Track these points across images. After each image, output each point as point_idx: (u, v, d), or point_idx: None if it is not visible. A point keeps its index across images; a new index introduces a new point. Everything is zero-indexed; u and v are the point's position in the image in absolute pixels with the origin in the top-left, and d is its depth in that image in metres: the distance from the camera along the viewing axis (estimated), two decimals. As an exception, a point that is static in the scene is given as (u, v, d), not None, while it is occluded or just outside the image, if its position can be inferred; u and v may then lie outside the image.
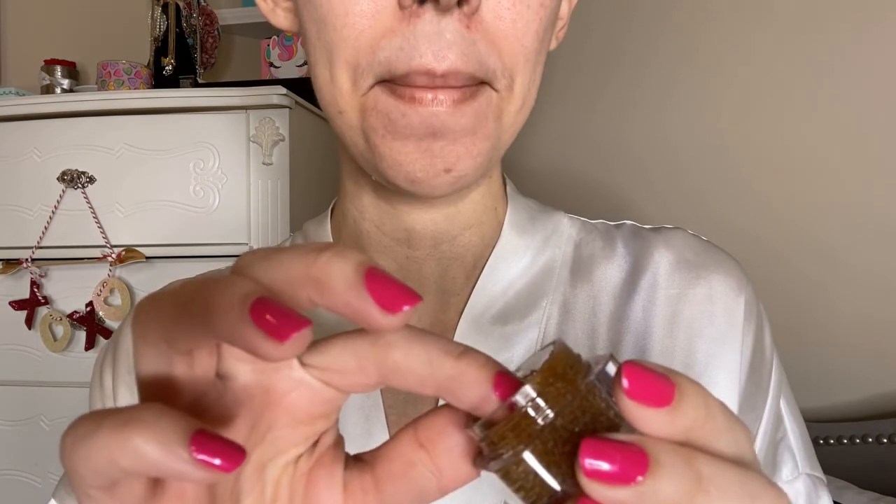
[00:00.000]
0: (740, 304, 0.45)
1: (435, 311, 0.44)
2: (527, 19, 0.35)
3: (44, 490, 1.23)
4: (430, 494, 0.22)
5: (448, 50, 0.33)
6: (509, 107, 0.37)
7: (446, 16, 0.32)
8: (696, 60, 1.30)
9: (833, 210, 1.18)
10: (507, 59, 0.35)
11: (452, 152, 0.35)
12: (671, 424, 0.18)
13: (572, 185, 1.43)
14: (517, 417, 0.20)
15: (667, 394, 0.18)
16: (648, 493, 0.17)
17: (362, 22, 0.33)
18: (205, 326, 0.18)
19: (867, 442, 1.07)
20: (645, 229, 0.48)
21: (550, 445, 0.19)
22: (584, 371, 0.21)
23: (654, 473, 0.17)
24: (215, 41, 1.49)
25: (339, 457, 0.23)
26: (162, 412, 0.17)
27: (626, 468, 0.17)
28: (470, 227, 0.44)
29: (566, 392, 0.20)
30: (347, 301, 0.18)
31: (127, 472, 0.17)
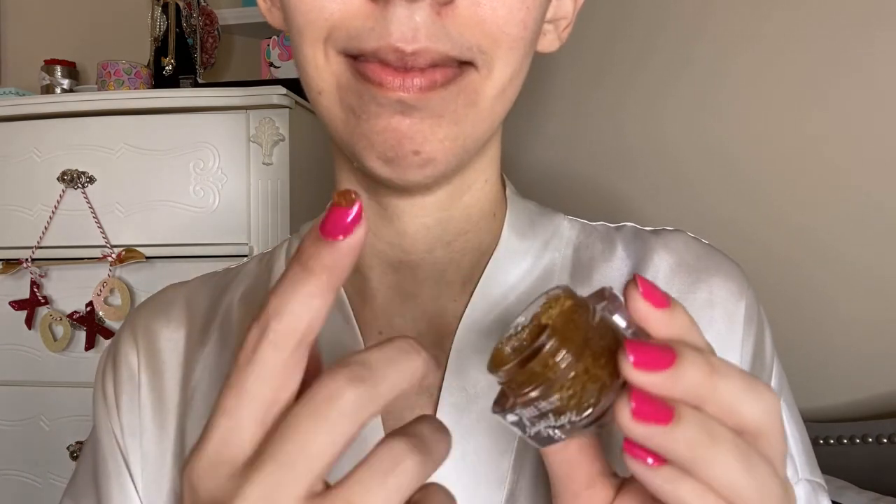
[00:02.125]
0: (741, 309, 0.44)
1: (431, 317, 0.44)
2: (508, 6, 0.35)
3: (44, 490, 1.23)
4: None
5: (417, 31, 0.33)
6: (486, 89, 0.36)
7: (417, 3, 0.32)
8: (696, 61, 1.30)
9: (833, 210, 1.18)
10: (485, 41, 0.35)
11: (419, 132, 0.35)
12: (671, 320, 0.25)
13: (571, 186, 1.43)
14: (545, 357, 0.25)
15: (664, 300, 0.25)
16: (678, 375, 0.23)
17: (331, 5, 0.34)
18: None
19: (867, 442, 1.07)
20: (645, 231, 0.48)
21: (581, 369, 0.24)
22: (591, 304, 0.26)
23: (681, 362, 0.23)
24: (215, 41, 1.49)
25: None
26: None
27: (660, 358, 0.23)
28: (465, 232, 0.44)
29: (582, 324, 0.25)
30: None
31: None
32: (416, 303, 0.44)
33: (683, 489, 0.23)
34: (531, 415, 0.26)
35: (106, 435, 0.47)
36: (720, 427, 0.24)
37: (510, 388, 0.26)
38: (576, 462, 0.29)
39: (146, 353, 0.47)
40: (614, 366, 0.24)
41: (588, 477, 0.29)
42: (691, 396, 0.23)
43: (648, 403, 0.23)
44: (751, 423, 0.24)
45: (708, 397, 0.23)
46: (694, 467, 0.23)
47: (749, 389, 0.24)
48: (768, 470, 0.24)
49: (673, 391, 0.23)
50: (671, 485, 0.24)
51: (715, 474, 0.23)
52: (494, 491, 0.41)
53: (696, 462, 0.23)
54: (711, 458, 0.23)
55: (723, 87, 1.28)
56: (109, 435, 0.47)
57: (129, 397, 0.46)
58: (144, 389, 0.46)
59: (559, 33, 0.44)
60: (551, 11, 0.43)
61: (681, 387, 0.23)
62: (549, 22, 0.43)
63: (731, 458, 0.23)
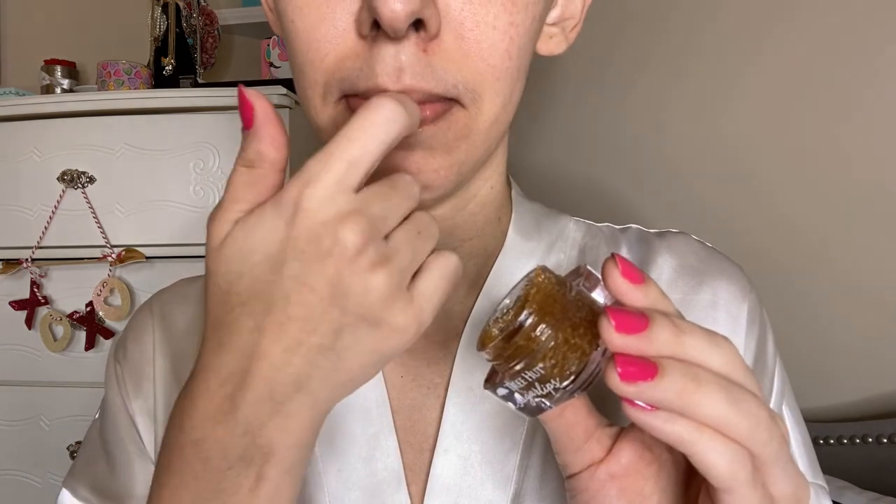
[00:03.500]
0: (743, 311, 0.45)
1: (439, 319, 0.44)
2: (492, 40, 0.35)
3: (44, 490, 1.23)
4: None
5: (402, 72, 0.33)
6: (478, 125, 0.36)
7: (403, 41, 0.33)
8: (698, 62, 1.30)
9: (833, 211, 1.18)
10: (470, 77, 0.35)
11: (413, 163, 0.35)
12: (645, 295, 0.28)
13: (574, 186, 1.43)
14: (527, 331, 0.27)
15: (640, 277, 0.28)
16: (652, 336, 0.26)
17: (326, 46, 0.35)
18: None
19: (867, 442, 1.07)
20: (650, 234, 0.48)
21: (561, 339, 0.27)
22: (568, 281, 0.29)
23: (653, 325, 0.26)
24: (215, 41, 1.49)
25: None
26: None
27: (636, 322, 0.26)
28: (470, 238, 0.44)
29: (559, 298, 0.28)
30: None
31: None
32: None
33: (680, 427, 0.26)
34: (519, 386, 0.29)
35: (114, 400, 0.48)
36: (702, 370, 0.26)
37: (498, 364, 0.29)
38: (573, 422, 0.32)
39: (161, 322, 0.48)
40: (593, 335, 0.28)
41: (585, 432, 0.32)
42: (665, 353, 0.26)
43: (632, 364, 0.26)
44: (716, 370, 0.27)
45: (678, 353, 0.27)
46: (686, 410, 0.26)
47: (711, 343, 0.27)
48: (754, 401, 0.27)
49: (649, 350, 0.26)
50: (669, 425, 0.26)
51: (706, 412, 0.26)
52: (501, 490, 0.41)
53: (687, 405, 0.26)
54: (699, 399, 0.26)
55: (725, 89, 1.28)
56: (116, 396, 0.48)
57: (140, 356, 0.48)
58: (158, 354, 0.47)
59: (566, 34, 0.44)
60: (558, 12, 0.43)
61: (655, 346, 0.26)
62: (555, 24, 0.43)
63: (717, 395, 0.26)
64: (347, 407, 0.43)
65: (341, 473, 0.42)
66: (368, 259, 0.27)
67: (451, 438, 0.42)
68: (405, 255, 0.28)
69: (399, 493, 0.42)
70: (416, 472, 0.42)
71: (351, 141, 0.28)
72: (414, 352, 0.44)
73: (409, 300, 0.28)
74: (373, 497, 0.42)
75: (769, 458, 0.27)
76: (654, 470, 0.31)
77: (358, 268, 0.27)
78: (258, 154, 0.30)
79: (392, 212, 0.29)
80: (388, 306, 0.28)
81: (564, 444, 0.32)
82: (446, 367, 0.44)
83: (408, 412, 0.43)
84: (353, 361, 0.28)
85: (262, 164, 0.30)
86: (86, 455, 0.49)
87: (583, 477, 0.32)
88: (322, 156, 0.28)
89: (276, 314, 0.28)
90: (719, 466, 0.26)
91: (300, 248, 0.27)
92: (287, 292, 0.27)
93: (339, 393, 0.30)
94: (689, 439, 0.26)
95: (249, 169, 0.30)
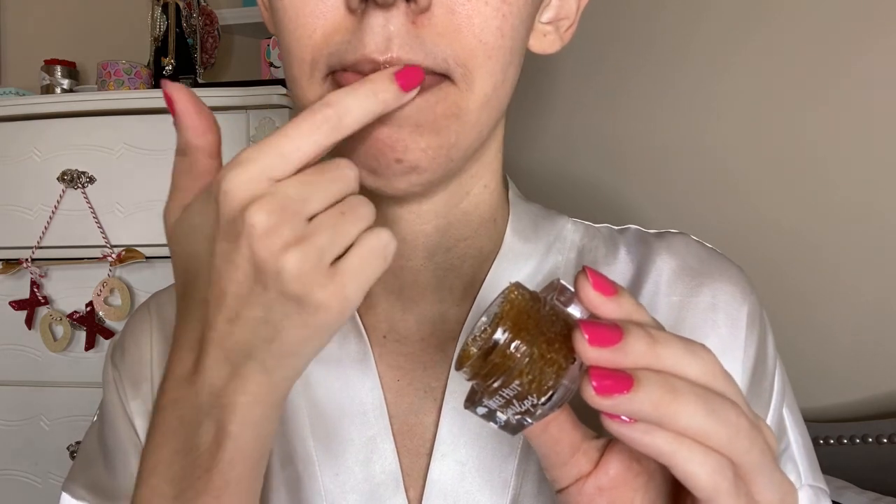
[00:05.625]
0: (743, 313, 0.44)
1: (434, 322, 0.44)
2: (484, 15, 0.35)
3: (44, 490, 1.23)
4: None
5: (390, 42, 0.33)
6: (469, 103, 0.36)
7: (391, 11, 0.33)
8: (697, 63, 1.30)
9: (833, 210, 1.18)
10: (462, 52, 0.35)
11: (399, 141, 0.35)
12: (619, 306, 0.28)
13: (572, 187, 1.43)
14: (502, 348, 0.27)
15: (612, 290, 0.28)
16: (626, 348, 0.26)
17: (314, 22, 0.35)
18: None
19: (867, 442, 1.07)
20: (649, 234, 0.48)
21: (536, 354, 0.27)
22: (542, 296, 0.29)
23: (626, 337, 0.26)
24: (215, 41, 1.49)
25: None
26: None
27: (610, 334, 0.26)
28: (465, 238, 0.44)
29: (534, 314, 0.28)
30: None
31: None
32: (419, 308, 0.44)
33: (659, 439, 0.26)
34: (498, 404, 0.28)
35: (112, 401, 0.48)
36: (678, 380, 0.26)
37: (476, 382, 0.29)
38: (558, 437, 0.31)
39: (159, 323, 0.48)
40: (568, 349, 0.27)
41: (571, 446, 0.31)
42: (640, 364, 0.26)
43: (607, 377, 0.25)
44: (694, 379, 0.27)
45: (654, 364, 0.26)
46: (663, 422, 0.26)
47: (687, 352, 0.27)
48: (733, 409, 0.27)
49: (624, 362, 0.26)
50: (648, 437, 0.26)
51: (684, 423, 0.26)
52: (498, 495, 0.41)
53: (664, 416, 0.25)
54: (675, 410, 0.25)
55: (723, 90, 1.28)
56: (114, 397, 0.48)
57: (138, 357, 0.47)
58: (157, 356, 0.47)
59: (561, 34, 0.43)
60: (553, 12, 0.42)
61: (630, 358, 0.26)
62: (549, 23, 0.43)
63: (694, 405, 0.26)
64: (344, 410, 0.43)
65: (338, 477, 0.42)
66: (282, 239, 0.28)
67: (448, 443, 0.42)
68: (324, 234, 0.29)
69: (397, 497, 0.41)
70: (413, 477, 0.42)
71: (287, 137, 0.29)
72: (409, 356, 0.44)
73: (329, 277, 0.29)
74: (370, 500, 0.42)
75: (752, 466, 0.27)
76: (642, 481, 0.31)
77: (269, 247, 0.28)
78: (185, 142, 0.33)
79: (313, 194, 0.29)
80: (304, 284, 0.28)
81: (551, 460, 0.32)
82: (443, 372, 0.43)
83: (404, 416, 0.43)
84: (289, 334, 0.30)
85: (190, 151, 0.33)
86: (83, 457, 0.49)
87: (571, 491, 0.32)
88: (258, 145, 0.29)
89: (215, 289, 0.30)
90: (700, 476, 0.26)
91: (224, 228, 0.29)
92: (220, 269, 0.30)
93: (290, 362, 0.31)
94: (669, 450, 0.26)
95: (181, 157, 0.33)
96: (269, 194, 0.28)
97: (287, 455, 0.43)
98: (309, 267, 0.28)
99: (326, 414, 0.43)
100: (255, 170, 0.29)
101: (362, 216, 0.30)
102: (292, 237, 0.28)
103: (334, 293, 0.29)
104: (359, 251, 0.30)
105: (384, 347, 0.44)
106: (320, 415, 0.43)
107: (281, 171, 0.29)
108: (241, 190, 0.29)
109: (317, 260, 0.28)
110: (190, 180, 0.33)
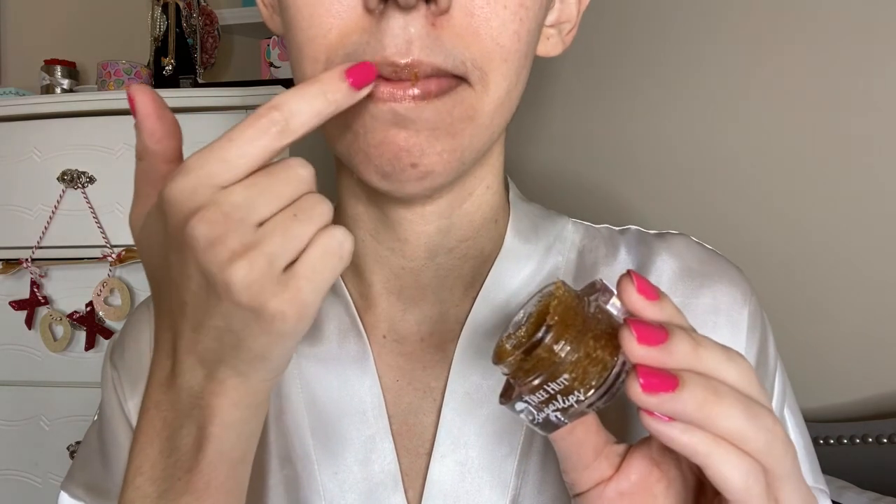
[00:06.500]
0: (744, 315, 0.44)
1: (434, 322, 0.44)
2: (502, 19, 0.35)
3: (44, 490, 1.23)
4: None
5: (411, 44, 0.33)
6: (484, 105, 0.36)
7: (412, 13, 0.33)
8: (697, 65, 1.30)
9: (834, 211, 1.18)
10: (479, 55, 0.35)
11: (416, 145, 0.34)
12: (661, 309, 0.28)
13: (573, 187, 1.43)
14: (549, 344, 0.27)
15: (656, 294, 0.28)
16: (671, 348, 0.26)
17: (329, 21, 0.34)
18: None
19: (867, 442, 1.07)
20: (649, 235, 0.48)
21: (583, 351, 0.27)
22: (585, 295, 0.29)
23: (672, 337, 0.27)
24: (215, 41, 1.48)
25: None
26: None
27: (656, 334, 0.26)
28: (466, 239, 0.44)
29: (580, 312, 0.28)
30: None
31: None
32: (419, 308, 0.44)
33: (697, 439, 0.26)
34: (539, 400, 0.29)
35: (110, 400, 0.48)
36: (721, 384, 0.27)
37: (516, 377, 0.29)
38: (583, 439, 0.32)
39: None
40: (613, 348, 0.28)
41: (594, 449, 0.32)
42: (684, 366, 0.27)
43: (654, 376, 0.26)
44: (732, 384, 0.28)
45: (697, 366, 0.27)
46: (704, 422, 0.26)
47: (726, 357, 0.28)
48: (770, 416, 0.27)
49: (668, 362, 0.26)
50: (686, 436, 0.26)
51: (724, 425, 0.26)
52: (498, 495, 0.41)
53: (706, 418, 0.26)
54: (718, 412, 0.26)
55: (727, 91, 1.28)
56: (112, 397, 0.48)
57: (137, 356, 0.47)
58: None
59: (563, 37, 0.43)
60: (555, 15, 0.43)
61: (674, 358, 0.27)
62: (552, 26, 0.43)
63: (736, 409, 0.26)
64: (343, 409, 0.43)
65: (337, 476, 0.42)
66: (228, 249, 0.27)
67: (447, 444, 0.42)
68: (274, 240, 0.28)
69: (396, 496, 0.41)
70: (412, 477, 0.42)
71: (231, 142, 0.28)
72: (408, 355, 0.44)
73: (281, 285, 0.28)
74: (369, 500, 0.41)
75: (782, 473, 0.27)
76: (662, 487, 0.32)
77: (215, 259, 0.27)
78: (142, 146, 0.33)
79: (260, 199, 0.28)
80: (256, 293, 0.27)
81: (573, 462, 0.32)
82: (442, 372, 0.43)
83: (403, 416, 0.43)
84: (252, 342, 0.29)
85: (147, 156, 0.33)
86: (82, 456, 0.49)
87: (591, 495, 0.32)
88: (201, 151, 0.29)
89: (176, 298, 0.30)
90: (734, 479, 0.26)
91: (172, 239, 0.29)
92: (176, 280, 0.30)
93: (262, 365, 0.31)
94: (705, 451, 0.26)
95: (140, 161, 0.33)
96: (212, 203, 0.27)
97: (285, 454, 0.43)
98: (257, 276, 0.27)
99: (325, 413, 0.43)
100: (197, 178, 0.28)
101: (316, 216, 0.29)
102: (239, 246, 0.27)
103: (289, 300, 0.28)
104: (313, 253, 0.28)
105: (384, 347, 0.44)
106: (319, 414, 0.43)
107: (225, 177, 0.28)
108: (183, 200, 0.28)
109: (266, 267, 0.27)
110: (149, 186, 0.33)
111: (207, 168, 0.28)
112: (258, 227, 0.28)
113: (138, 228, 0.33)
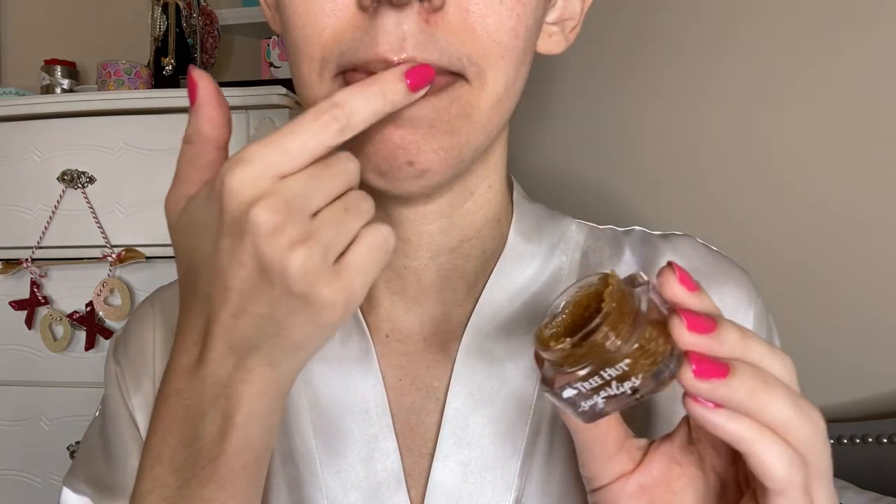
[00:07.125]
0: (750, 317, 0.44)
1: (437, 322, 0.44)
2: (499, 15, 0.34)
3: (44, 490, 1.23)
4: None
5: (404, 42, 0.33)
6: (481, 102, 0.36)
7: (405, 10, 0.33)
8: (700, 63, 1.30)
9: (835, 211, 1.18)
10: (476, 52, 0.34)
11: (412, 143, 0.35)
12: (701, 301, 0.28)
13: (576, 187, 1.43)
14: (605, 332, 0.27)
15: (696, 285, 0.29)
16: (721, 337, 0.27)
17: (324, 20, 0.34)
18: None
19: (867, 442, 1.07)
20: (654, 236, 0.48)
21: (636, 340, 0.27)
22: (632, 288, 0.29)
23: (721, 326, 0.27)
24: (215, 41, 1.48)
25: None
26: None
27: (707, 323, 0.27)
28: (469, 239, 0.44)
29: (632, 302, 0.28)
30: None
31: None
32: (422, 308, 0.44)
33: (744, 426, 0.27)
34: (591, 387, 0.28)
35: (113, 396, 0.48)
36: (770, 374, 0.27)
37: (565, 363, 0.29)
38: (606, 431, 0.32)
39: (162, 318, 0.48)
40: (665, 338, 0.28)
41: (617, 443, 0.32)
42: (732, 355, 0.27)
43: (706, 362, 0.26)
44: (777, 377, 0.28)
45: (745, 356, 0.27)
46: (752, 410, 0.27)
47: (771, 350, 0.28)
48: (816, 411, 0.28)
49: (718, 351, 0.27)
50: (733, 423, 0.27)
51: (773, 413, 0.27)
52: (501, 496, 0.41)
53: (754, 406, 0.26)
54: (766, 400, 0.27)
55: (729, 90, 1.28)
56: (116, 392, 0.48)
57: (141, 352, 0.47)
58: (159, 351, 0.47)
59: (566, 34, 0.43)
60: (558, 13, 0.42)
61: (724, 348, 0.27)
62: (555, 24, 0.43)
63: (784, 399, 0.27)
64: (345, 408, 0.43)
65: (340, 475, 0.42)
66: (287, 237, 0.28)
67: (450, 444, 0.41)
68: (329, 231, 0.29)
69: (398, 495, 0.41)
70: (415, 477, 0.42)
71: (293, 135, 0.29)
72: (411, 355, 0.44)
73: (334, 275, 0.29)
74: (372, 499, 0.41)
75: (820, 469, 0.28)
76: (682, 484, 0.32)
77: (275, 246, 0.28)
78: (196, 130, 0.32)
79: (317, 190, 0.29)
80: (311, 282, 0.28)
81: (595, 454, 0.32)
82: (445, 371, 0.43)
83: (406, 416, 0.43)
84: (294, 330, 0.30)
85: (199, 140, 0.32)
86: (84, 451, 0.49)
87: (612, 488, 0.32)
88: (263, 141, 0.29)
89: (219, 284, 0.30)
90: (777, 468, 0.27)
91: (228, 225, 0.29)
92: (224, 265, 0.30)
93: (296, 355, 0.31)
94: (750, 438, 0.27)
95: (189, 145, 0.32)
96: (273, 192, 0.28)
97: (288, 452, 0.43)
98: (314, 265, 0.28)
99: (328, 411, 0.43)
100: (259, 167, 0.29)
101: (363, 211, 0.30)
102: (297, 235, 0.28)
103: (341, 290, 0.29)
104: (362, 246, 0.30)
105: (386, 346, 0.44)
106: (322, 412, 0.43)
107: (285, 168, 0.29)
108: (245, 188, 0.28)
109: (321, 257, 0.28)
110: (194, 171, 0.32)
111: (270, 157, 0.29)
112: (312, 217, 0.29)
113: (177, 212, 0.32)
